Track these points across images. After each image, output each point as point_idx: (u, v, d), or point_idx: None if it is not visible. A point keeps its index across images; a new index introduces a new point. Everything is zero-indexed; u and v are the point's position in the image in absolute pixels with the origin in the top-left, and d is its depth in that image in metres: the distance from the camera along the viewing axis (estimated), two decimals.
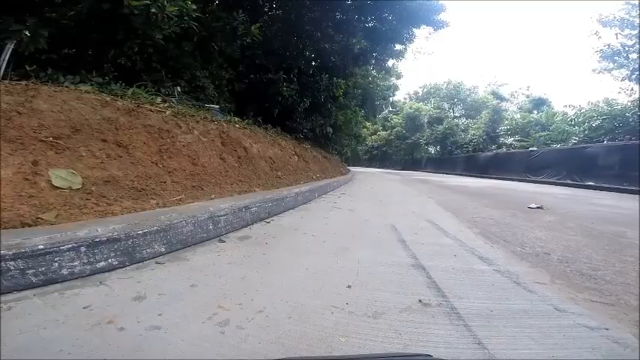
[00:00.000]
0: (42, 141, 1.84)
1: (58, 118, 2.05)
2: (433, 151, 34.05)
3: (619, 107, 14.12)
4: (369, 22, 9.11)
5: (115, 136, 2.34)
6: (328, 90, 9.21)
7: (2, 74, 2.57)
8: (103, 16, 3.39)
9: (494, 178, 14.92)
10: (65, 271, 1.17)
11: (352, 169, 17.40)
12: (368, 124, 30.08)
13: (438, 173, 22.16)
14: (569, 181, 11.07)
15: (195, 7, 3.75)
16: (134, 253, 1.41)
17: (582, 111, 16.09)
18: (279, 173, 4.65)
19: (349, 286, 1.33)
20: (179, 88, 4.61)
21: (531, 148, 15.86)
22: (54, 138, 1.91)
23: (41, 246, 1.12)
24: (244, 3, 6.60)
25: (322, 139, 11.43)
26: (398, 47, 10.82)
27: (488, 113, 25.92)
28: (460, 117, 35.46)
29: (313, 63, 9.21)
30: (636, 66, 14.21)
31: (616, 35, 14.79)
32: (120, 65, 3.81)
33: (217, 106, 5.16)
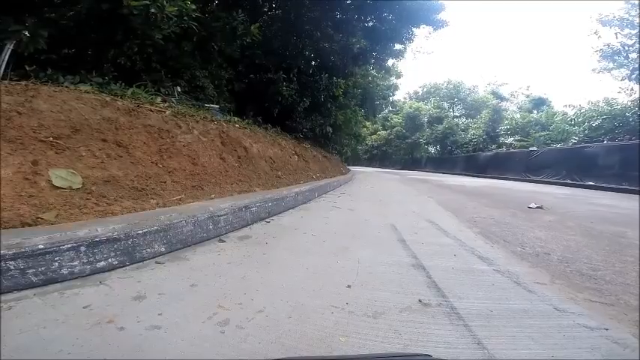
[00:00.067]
0: (42, 141, 1.84)
1: (58, 118, 2.05)
2: (433, 151, 34.06)
3: (619, 107, 14.12)
4: (369, 22, 9.11)
5: (115, 136, 2.34)
6: (328, 89, 9.21)
7: (2, 74, 2.57)
8: (103, 17, 3.39)
9: (494, 178, 14.91)
10: (65, 271, 1.17)
11: (352, 169, 17.41)
12: (368, 124, 30.05)
13: (438, 173, 22.15)
14: (568, 181, 11.07)
15: (194, 7, 3.75)
16: (134, 253, 1.41)
17: (582, 111, 16.10)
18: (279, 173, 4.66)
19: (349, 286, 1.33)
20: (179, 88, 4.61)
21: (531, 148, 15.86)
22: (54, 138, 1.91)
23: (41, 246, 1.12)
24: (244, 3, 6.60)
25: (322, 139, 11.43)
26: (398, 47, 10.85)
27: (488, 113, 25.95)
28: (460, 117, 35.49)
29: (313, 62, 9.21)
30: (636, 65, 14.21)
31: (616, 35, 14.81)
32: (119, 65, 3.81)
33: (217, 106, 5.16)
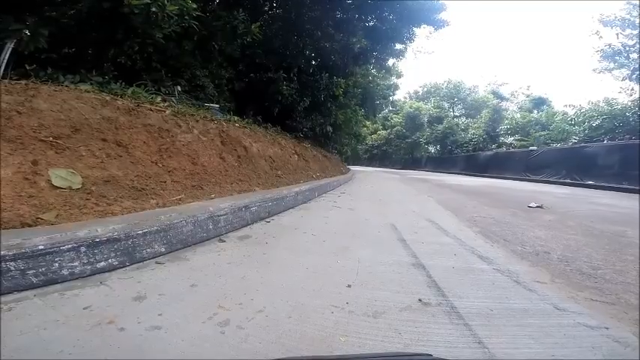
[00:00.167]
0: (42, 140, 1.84)
1: (58, 118, 2.05)
2: (433, 151, 34.05)
3: (619, 107, 14.10)
4: (370, 21, 9.10)
5: (115, 136, 2.34)
6: (328, 89, 9.21)
7: (2, 73, 2.57)
8: (103, 15, 3.38)
9: (494, 178, 14.91)
10: (65, 272, 1.17)
11: (352, 168, 17.40)
12: (368, 123, 30.05)
13: (438, 172, 22.15)
14: (568, 181, 11.08)
15: (195, 6, 3.75)
16: (134, 253, 1.41)
17: (582, 110, 16.07)
18: (279, 172, 4.65)
19: (349, 286, 1.33)
20: (179, 88, 4.60)
21: (531, 148, 15.86)
22: (54, 138, 1.91)
23: (41, 246, 1.12)
24: (244, 2, 6.59)
25: (322, 138, 11.43)
26: (398, 46, 10.84)
27: (488, 112, 25.94)
28: (460, 116, 35.48)
29: (313, 62, 9.20)
30: (637, 66, 14.20)
31: (617, 35, 14.79)
32: (120, 64, 3.80)
33: (217, 106, 5.15)
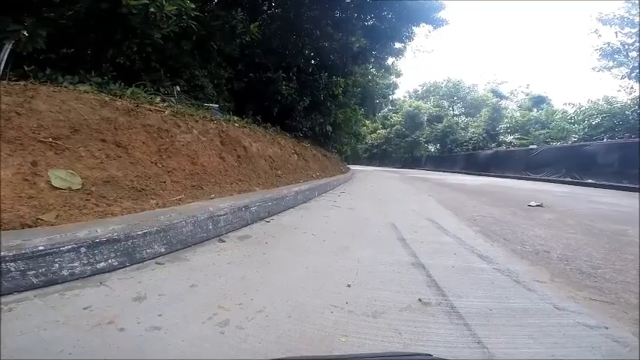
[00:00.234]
0: (41, 141, 1.84)
1: (57, 119, 2.05)
2: (433, 149, 34.07)
3: (619, 105, 14.10)
4: (369, 21, 9.08)
5: (115, 136, 2.34)
6: (328, 88, 9.19)
7: (1, 74, 2.57)
8: (102, 16, 3.38)
9: (494, 176, 14.93)
10: (65, 272, 1.17)
11: (352, 168, 17.41)
12: (367, 123, 30.03)
13: (438, 171, 22.17)
14: (568, 179, 11.09)
15: (194, 6, 3.74)
16: (134, 254, 1.41)
17: (582, 109, 16.08)
18: (278, 172, 4.65)
19: (349, 285, 1.33)
20: (178, 88, 4.59)
21: (531, 146, 15.86)
22: (53, 138, 1.91)
23: (41, 247, 1.12)
24: (243, 2, 6.57)
25: (322, 138, 11.43)
26: (397, 45, 10.84)
27: (487, 111, 25.95)
28: (460, 115, 35.49)
29: (312, 61, 9.19)
30: (636, 64, 14.18)
31: (616, 33, 14.77)
32: (119, 65, 3.80)
33: (216, 105, 5.15)
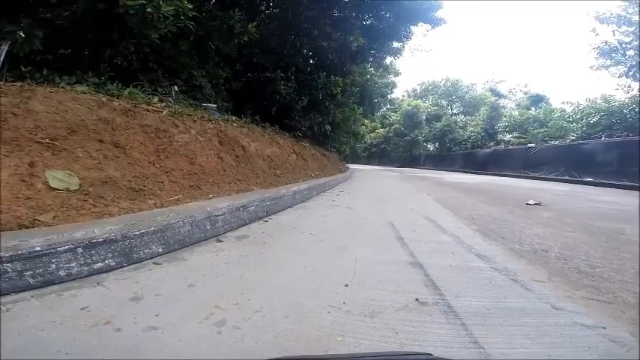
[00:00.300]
0: (38, 142, 1.84)
1: (54, 119, 2.04)
2: (432, 148, 34.11)
3: (616, 104, 14.13)
4: (367, 20, 9.08)
5: (112, 137, 2.33)
6: (326, 88, 9.19)
7: None
8: (99, 16, 3.37)
9: (492, 175, 14.93)
10: (62, 273, 1.17)
11: (351, 167, 17.40)
12: (366, 122, 29.99)
13: (437, 170, 22.16)
14: (567, 178, 11.11)
15: (191, 7, 3.73)
16: (131, 254, 1.40)
17: (580, 108, 16.10)
18: (277, 172, 4.65)
19: (347, 285, 1.33)
20: (176, 88, 4.58)
21: (529, 145, 15.89)
22: (50, 139, 1.91)
23: (38, 247, 1.11)
24: (241, 1, 6.56)
25: (320, 137, 11.42)
26: (396, 45, 10.85)
27: (486, 110, 25.97)
28: (458, 114, 35.58)
29: (311, 61, 9.19)
30: (633, 63, 14.23)
31: (613, 32, 14.82)
32: (116, 65, 3.79)
33: (215, 105, 5.14)
